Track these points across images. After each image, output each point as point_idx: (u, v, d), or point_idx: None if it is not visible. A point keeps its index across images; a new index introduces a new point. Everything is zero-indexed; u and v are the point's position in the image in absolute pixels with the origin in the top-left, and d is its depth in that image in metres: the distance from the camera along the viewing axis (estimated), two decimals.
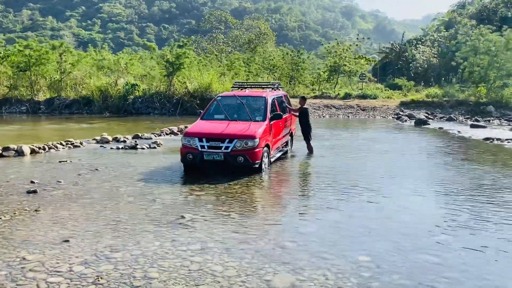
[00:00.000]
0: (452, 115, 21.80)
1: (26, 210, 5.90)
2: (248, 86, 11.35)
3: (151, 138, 14.18)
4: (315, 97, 31.89)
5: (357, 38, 42.50)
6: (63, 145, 12.00)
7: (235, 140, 8.11)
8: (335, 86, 36.78)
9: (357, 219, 5.64)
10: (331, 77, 36.76)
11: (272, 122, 9.10)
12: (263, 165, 8.50)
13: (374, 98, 29.52)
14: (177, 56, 28.56)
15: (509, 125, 18.55)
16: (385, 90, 32.88)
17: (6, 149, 10.60)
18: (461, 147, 12.67)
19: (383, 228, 5.23)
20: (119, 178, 8.02)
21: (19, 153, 10.62)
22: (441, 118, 21.68)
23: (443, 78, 44.23)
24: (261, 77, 34.86)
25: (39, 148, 11.19)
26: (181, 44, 30.58)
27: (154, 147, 12.16)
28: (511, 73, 26.37)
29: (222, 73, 31.25)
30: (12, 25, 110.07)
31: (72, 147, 12.10)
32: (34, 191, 6.87)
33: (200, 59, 33.00)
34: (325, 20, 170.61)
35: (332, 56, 38.00)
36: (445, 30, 45.85)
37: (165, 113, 27.26)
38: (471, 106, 23.90)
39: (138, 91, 28.54)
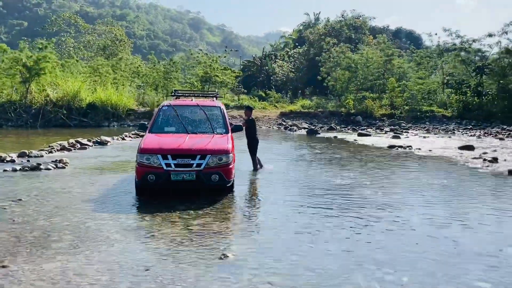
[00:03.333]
0: (332, 125, 23.55)
1: None
2: (190, 94, 10.22)
3: (42, 156, 11.74)
4: None
5: (225, 50, 43.21)
6: None
7: (208, 156, 7.06)
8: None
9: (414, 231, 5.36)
10: (204, 88, 36.43)
11: (231, 134, 8.28)
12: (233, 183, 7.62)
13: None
14: (36, 60, 24.79)
15: (385, 133, 20.83)
16: (259, 101, 33.99)
17: None
18: (384, 156, 12.94)
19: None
20: (66, 209, 6.25)
21: None
22: (321, 127, 23.18)
23: (299, 91, 48.00)
24: (129, 84, 32.66)
25: None
26: (41, 46, 26.61)
27: (63, 167, 10.04)
28: (369, 87, 29.96)
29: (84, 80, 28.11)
30: None
31: None
32: None
33: (62, 63, 29.19)
34: (173, 31, 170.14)
35: (203, 66, 37.79)
36: (299, 47, 49.82)
37: (22, 125, 23.37)
38: (342, 116, 26.23)
39: None
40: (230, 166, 7.30)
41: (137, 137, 17.97)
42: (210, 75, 36.55)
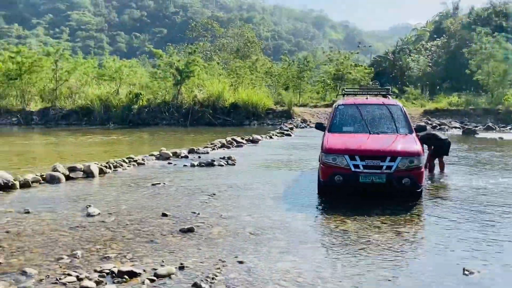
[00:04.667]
0: (489, 124, 21.17)
1: (222, 260, 4.24)
2: (361, 93, 9.98)
3: (208, 153, 12.52)
4: (327, 105, 30.93)
5: (358, 46, 42.08)
6: (127, 163, 10.21)
7: (399, 158, 6.66)
8: (337, 95, 35.98)
9: None
10: (337, 86, 35.93)
11: (415, 135, 7.71)
12: None
13: None
14: (186, 63, 26.87)
15: None
16: (395, 98, 32.32)
17: (72, 169, 8.72)
18: None
19: None
20: (260, 206, 6.38)
21: (88, 173, 8.78)
22: (475, 127, 20.97)
23: (437, 87, 44.43)
24: (265, 85, 33.59)
25: (105, 167, 9.37)
26: (190, 51, 28.84)
27: (233, 164, 10.53)
28: None
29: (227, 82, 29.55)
30: None
31: (136, 164, 10.31)
32: (191, 230, 5.19)
33: (205, 65, 31.24)
34: (296, 30, 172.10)
35: (334, 64, 37.33)
36: (437, 39, 46.23)
37: (174, 123, 25.44)
38: (500, 114, 23.43)
39: (142, 101, 26.60)
40: (422, 170, 6.80)
41: (282, 135, 18.26)
42: (342, 72, 35.95)
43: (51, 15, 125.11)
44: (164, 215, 5.85)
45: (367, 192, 6.91)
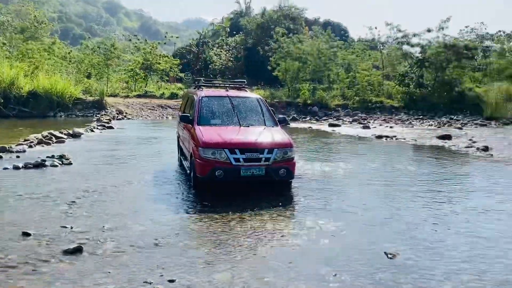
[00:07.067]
0: (295, 116, 23.82)
1: (148, 282, 3.45)
2: (218, 85, 9.58)
3: (24, 151, 10.39)
4: (139, 96, 29.67)
5: (165, 37, 41.53)
6: None
7: (275, 150, 6.76)
8: (146, 85, 35.00)
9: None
10: (147, 76, 34.79)
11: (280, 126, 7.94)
12: None
13: None
14: None
15: (350, 123, 21.59)
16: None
17: None
18: (394, 147, 13.57)
19: None
20: (141, 212, 5.59)
21: None
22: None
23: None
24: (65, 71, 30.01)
25: None
26: None
27: (69, 163, 8.96)
28: (316, 78, 30.79)
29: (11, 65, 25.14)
30: None
31: None
32: (79, 249, 4.10)
33: None
34: (87, 14, 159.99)
35: (141, 53, 36.07)
36: (237, 35, 49.53)
37: None
38: (299, 106, 26.57)
39: None
40: (294, 161, 7.07)
41: (104, 128, 16.62)
42: (151, 62, 35.03)
43: None
44: (26, 234, 4.51)
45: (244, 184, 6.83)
